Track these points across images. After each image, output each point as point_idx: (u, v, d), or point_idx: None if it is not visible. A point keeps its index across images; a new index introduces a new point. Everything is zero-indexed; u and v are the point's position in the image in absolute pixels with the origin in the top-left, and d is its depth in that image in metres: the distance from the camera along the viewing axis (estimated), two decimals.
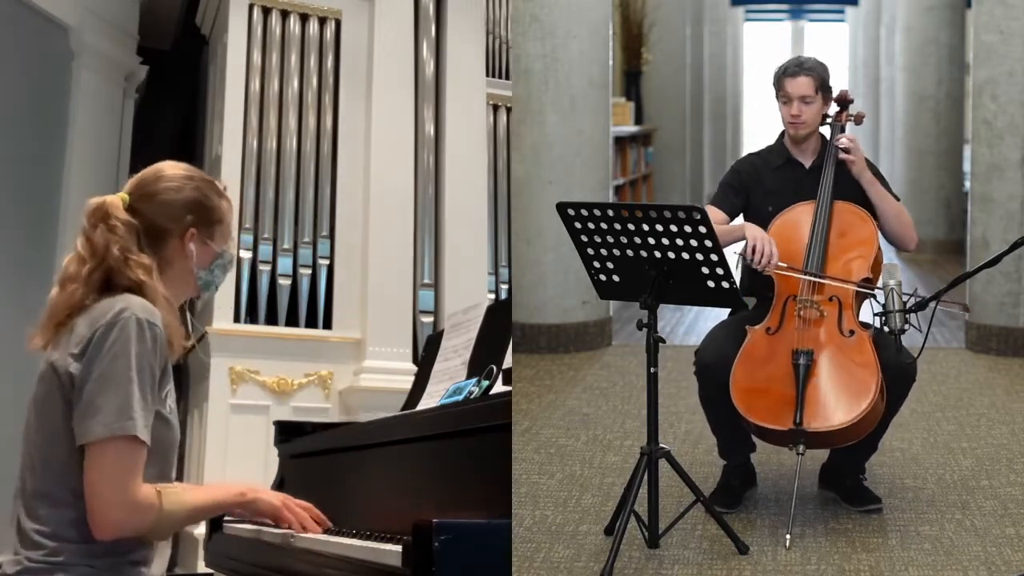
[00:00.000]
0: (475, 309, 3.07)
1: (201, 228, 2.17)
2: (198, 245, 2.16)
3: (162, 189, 2.15)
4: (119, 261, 2.04)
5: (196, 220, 2.16)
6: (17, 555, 1.97)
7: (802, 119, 3.37)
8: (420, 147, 6.16)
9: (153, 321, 1.97)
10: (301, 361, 5.70)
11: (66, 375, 1.95)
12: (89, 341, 1.94)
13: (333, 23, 6.19)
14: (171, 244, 2.14)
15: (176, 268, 2.15)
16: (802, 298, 3.23)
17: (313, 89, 6.04)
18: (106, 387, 1.91)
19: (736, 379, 3.17)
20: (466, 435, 2.23)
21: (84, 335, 1.96)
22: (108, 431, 1.90)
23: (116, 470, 1.91)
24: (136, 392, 1.92)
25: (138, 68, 6.43)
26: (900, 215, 3.39)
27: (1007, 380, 4.91)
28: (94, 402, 1.91)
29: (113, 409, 1.90)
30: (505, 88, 6.33)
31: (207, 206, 2.19)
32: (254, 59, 5.91)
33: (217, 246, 2.21)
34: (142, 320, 1.95)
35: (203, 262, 2.19)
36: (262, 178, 5.82)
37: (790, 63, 3.41)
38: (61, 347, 2.00)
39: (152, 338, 1.96)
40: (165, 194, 2.15)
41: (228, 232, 2.25)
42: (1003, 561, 2.95)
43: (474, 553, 1.85)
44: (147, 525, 1.96)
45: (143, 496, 1.94)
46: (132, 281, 2.03)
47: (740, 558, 3.00)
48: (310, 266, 5.82)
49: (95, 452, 1.91)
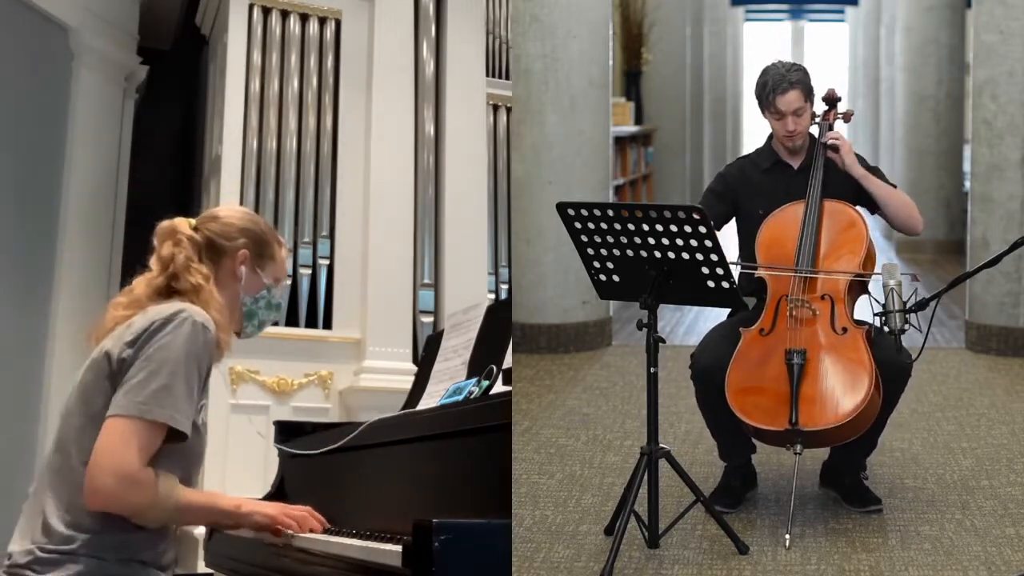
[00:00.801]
0: (475, 309, 3.07)
1: (253, 255, 2.33)
2: (248, 271, 2.32)
3: (224, 215, 2.35)
4: (182, 267, 2.20)
5: (249, 245, 2.32)
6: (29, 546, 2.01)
7: (798, 131, 3.37)
8: (420, 147, 6.16)
9: (208, 326, 2.09)
10: (301, 361, 5.70)
11: (118, 361, 2.03)
12: (144, 331, 2.04)
13: (333, 23, 6.19)
14: (226, 263, 2.30)
15: (227, 290, 2.29)
16: (793, 297, 3.23)
17: (313, 89, 6.04)
18: (151, 372, 2.00)
19: (731, 382, 3.17)
20: (466, 435, 2.24)
21: (140, 328, 2.05)
22: (140, 411, 1.97)
23: (125, 443, 1.96)
24: (180, 385, 2.01)
25: (138, 68, 6.43)
26: (900, 199, 3.38)
27: (1007, 380, 4.91)
28: (136, 383, 1.99)
29: (153, 392, 1.98)
30: (505, 88, 6.33)
31: (262, 239, 2.36)
32: (254, 59, 5.91)
33: (267, 278, 2.36)
34: (198, 322, 2.07)
35: (251, 289, 2.34)
36: (262, 178, 5.81)
37: (773, 78, 3.34)
38: (116, 337, 2.08)
39: (204, 341, 2.07)
40: (226, 219, 2.34)
41: (280, 274, 2.41)
42: (1003, 561, 2.95)
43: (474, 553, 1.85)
44: (138, 503, 1.99)
45: (141, 473, 1.98)
46: (191, 285, 2.17)
47: (740, 558, 3.00)
48: (310, 266, 5.82)
49: (118, 423, 1.97)
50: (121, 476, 1.95)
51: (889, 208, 3.36)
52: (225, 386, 5.52)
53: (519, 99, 5.60)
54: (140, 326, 2.06)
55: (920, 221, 3.41)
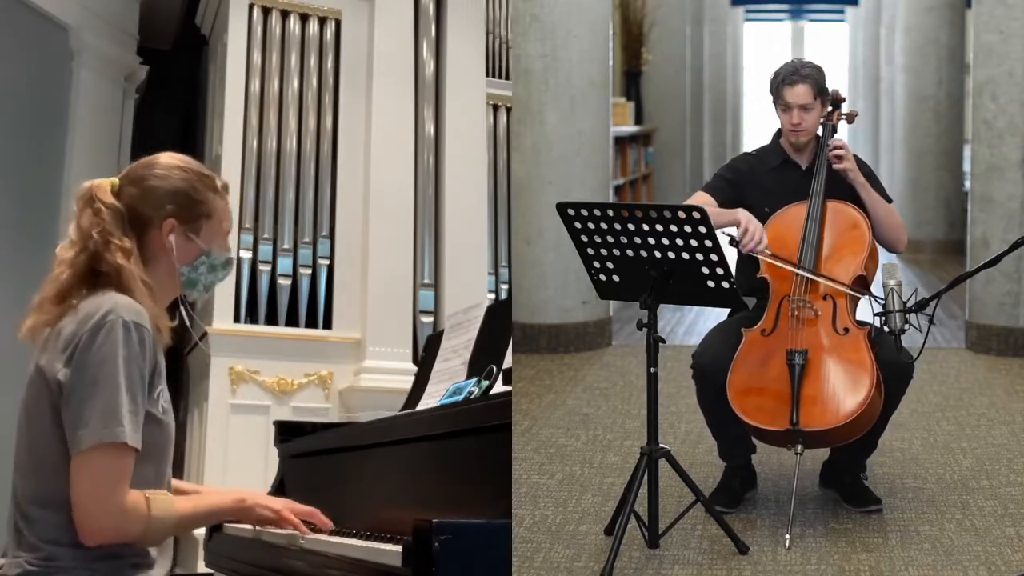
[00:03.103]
0: (475, 309, 3.07)
1: (183, 221, 2.11)
2: (180, 239, 2.10)
3: (149, 175, 2.11)
4: (100, 244, 2.01)
5: (177, 211, 2.10)
6: (16, 557, 1.96)
7: (803, 127, 3.37)
8: (420, 147, 6.16)
9: (140, 322, 1.93)
10: (301, 361, 5.70)
11: (55, 382, 1.92)
12: (76, 346, 1.91)
13: (333, 23, 6.19)
14: (151, 234, 2.09)
15: (161, 262, 2.10)
16: (795, 298, 3.23)
17: (313, 89, 6.05)
18: (93, 394, 1.88)
19: (733, 382, 3.17)
20: (466, 435, 2.23)
21: (70, 339, 1.93)
22: (96, 438, 1.86)
23: (103, 478, 1.88)
24: (124, 397, 1.88)
25: (138, 68, 6.43)
26: (891, 218, 3.40)
27: (1007, 380, 4.91)
28: (82, 411, 1.88)
29: (99, 416, 1.87)
30: (505, 88, 6.33)
31: (193, 199, 2.12)
32: (254, 59, 5.91)
33: (203, 243, 2.14)
34: (128, 323, 1.92)
35: (186, 258, 2.12)
36: (262, 178, 5.82)
37: (786, 71, 3.36)
38: (49, 351, 1.97)
39: (139, 340, 1.92)
40: (151, 180, 2.11)
41: (219, 231, 2.18)
42: (1003, 561, 2.95)
43: (474, 553, 1.85)
44: (135, 532, 1.94)
45: (130, 504, 1.91)
46: (111, 265, 2.00)
47: (740, 558, 3.00)
48: (310, 266, 5.82)
49: (82, 460, 1.88)
50: (111, 513, 1.89)
51: (878, 224, 3.35)
52: (225, 386, 5.52)
53: (519, 99, 5.60)
54: (69, 334, 1.93)
55: (904, 242, 3.45)
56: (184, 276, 2.14)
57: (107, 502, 1.88)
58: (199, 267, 2.15)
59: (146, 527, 1.94)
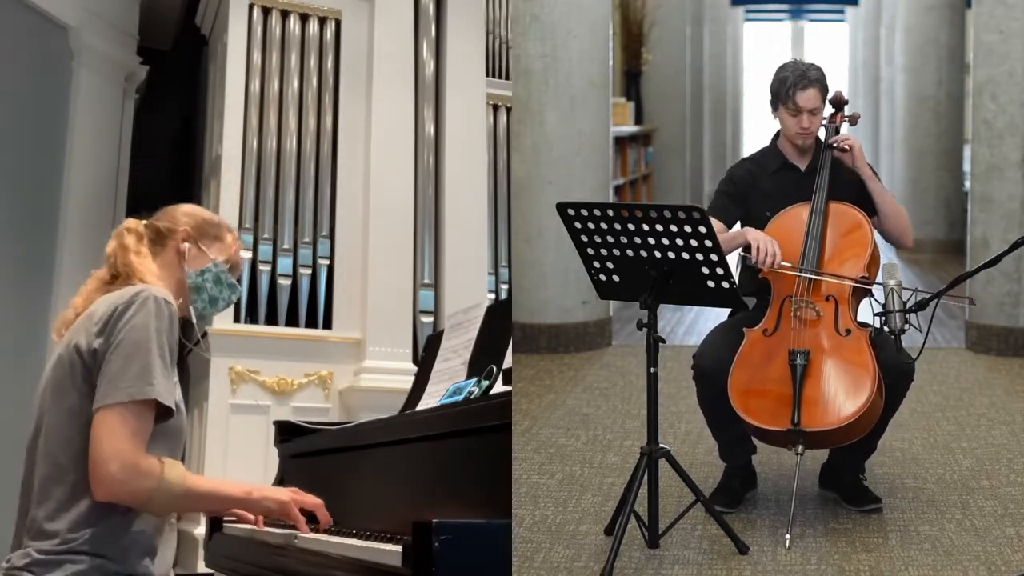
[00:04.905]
0: (475, 309, 3.07)
1: (198, 236, 2.37)
2: (192, 247, 2.35)
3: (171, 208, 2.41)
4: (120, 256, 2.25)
5: (192, 226, 2.37)
6: (25, 547, 2.01)
7: (811, 130, 3.38)
8: (420, 147, 6.16)
9: (168, 299, 2.11)
10: (301, 361, 5.70)
11: (89, 352, 2.04)
12: (110, 318, 2.05)
13: (333, 23, 6.18)
14: (169, 245, 2.34)
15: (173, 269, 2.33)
16: (798, 298, 3.24)
17: (313, 89, 6.04)
18: (127, 356, 2.01)
19: (734, 382, 3.18)
20: (466, 435, 2.23)
21: (104, 315, 2.06)
22: (128, 395, 1.98)
23: (127, 432, 1.98)
24: (156, 361, 2.02)
25: (138, 68, 6.42)
26: (898, 211, 3.42)
27: (1007, 380, 4.91)
28: (116, 370, 2.01)
29: (133, 376, 2.00)
30: (505, 88, 6.32)
31: (208, 222, 2.41)
32: (254, 59, 5.90)
33: (212, 254, 2.38)
34: (160, 299, 2.08)
35: (196, 264, 2.35)
36: (262, 178, 5.81)
37: (794, 75, 3.34)
38: (82, 330, 2.09)
39: (169, 316, 2.09)
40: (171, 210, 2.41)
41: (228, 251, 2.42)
42: (1003, 561, 2.95)
43: (474, 553, 1.85)
44: (145, 491, 2.00)
45: (145, 461, 2.00)
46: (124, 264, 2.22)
47: (740, 558, 3.00)
48: (310, 266, 5.82)
49: (109, 413, 1.98)
50: (123, 464, 1.96)
51: (887, 217, 3.37)
52: (225, 386, 5.52)
53: (519, 99, 5.60)
54: (103, 313, 2.07)
55: (911, 238, 3.46)
56: (191, 280, 2.35)
57: (125, 456, 1.97)
58: (206, 274, 2.37)
59: (156, 488, 2.01)
